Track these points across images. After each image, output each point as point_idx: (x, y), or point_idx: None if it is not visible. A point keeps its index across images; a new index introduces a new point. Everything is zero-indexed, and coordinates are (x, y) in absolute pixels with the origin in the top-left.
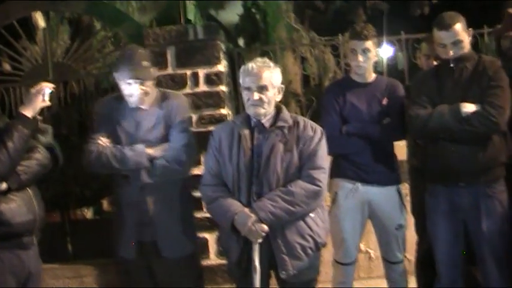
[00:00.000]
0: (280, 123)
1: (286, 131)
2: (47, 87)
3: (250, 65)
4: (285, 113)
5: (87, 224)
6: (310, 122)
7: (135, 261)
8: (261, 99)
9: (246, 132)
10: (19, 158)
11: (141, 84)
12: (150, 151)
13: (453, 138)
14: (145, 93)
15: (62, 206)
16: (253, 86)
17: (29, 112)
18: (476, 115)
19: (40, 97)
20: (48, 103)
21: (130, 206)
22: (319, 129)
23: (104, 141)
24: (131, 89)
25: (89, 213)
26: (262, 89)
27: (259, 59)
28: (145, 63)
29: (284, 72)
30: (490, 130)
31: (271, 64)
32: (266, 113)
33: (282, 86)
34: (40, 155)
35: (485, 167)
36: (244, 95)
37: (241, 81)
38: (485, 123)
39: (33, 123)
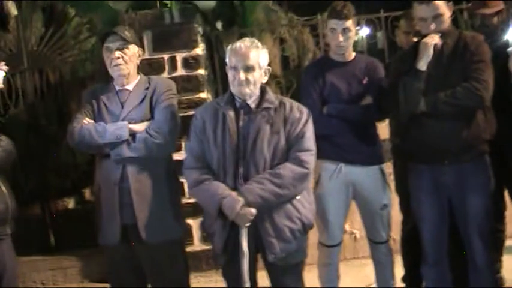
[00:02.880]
0: (266, 105)
1: (272, 112)
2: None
3: (238, 44)
4: (270, 94)
5: (68, 215)
6: (296, 104)
7: (118, 247)
8: (247, 79)
9: (231, 113)
10: None
11: (120, 49)
12: (133, 126)
13: (437, 112)
14: (125, 62)
15: (43, 197)
16: (239, 65)
17: None
18: (462, 89)
19: None
20: (1, 86)
21: (111, 186)
22: (305, 110)
23: (87, 120)
24: (111, 56)
25: (70, 203)
26: (249, 69)
27: (247, 39)
28: (126, 32)
29: None
30: (476, 104)
31: (259, 45)
32: (251, 93)
33: (269, 67)
34: (3, 142)
35: (469, 145)
36: (230, 74)
37: (227, 60)
38: (471, 98)
39: None
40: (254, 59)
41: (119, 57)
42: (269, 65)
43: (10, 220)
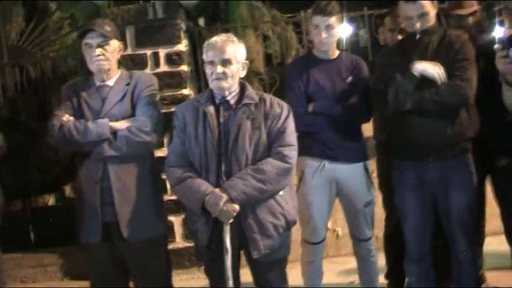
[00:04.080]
0: (246, 101)
1: (253, 108)
2: None
3: (214, 39)
4: (250, 90)
5: (49, 211)
6: (276, 99)
7: (99, 245)
8: (224, 72)
9: (211, 110)
10: None
11: (100, 45)
12: (114, 124)
13: (421, 111)
14: (105, 58)
15: (23, 193)
16: (216, 59)
17: None
18: (445, 87)
19: None
20: None
21: (92, 184)
22: (285, 105)
23: (67, 117)
24: (91, 52)
25: (50, 199)
26: (225, 62)
27: (223, 34)
28: (106, 27)
29: (246, 51)
30: (460, 102)
31: (235, 39)
32: (230, 87)
33: (246, 61)
34: None
35: (453, 142)
36: (208, 69)
37: (204, 56)
38: (454, 95)
39: None
40: (231, 53)
41: (99, 54)
42: (251, 61)
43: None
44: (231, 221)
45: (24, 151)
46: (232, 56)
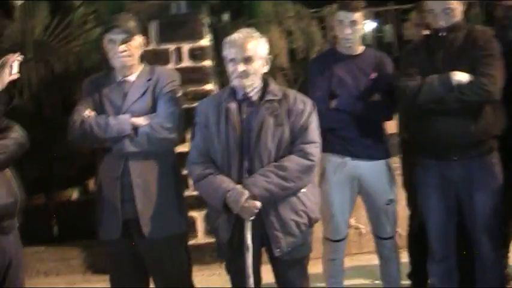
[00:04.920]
0: (269, 97)
1: (276, 104)
2: (14, 59)
3: (234, 35)
4: (273, 86)
5: (72, 205)
6: (300, 95)
7: (119, 243)
8: (246, 70)
9: (233, 106)
10: None
11: (124, 42)
12: (135, 120)
13: (444, 109)
14: (129, 54)
15: (47, 187)
16: (238, 57)
17: None
18: (469, 85)
19: (7, 70)
20: (16, 76)
21: (113, 181)
22: (309, 102)
23: (89, 111)
24: (114, 48)
25: (74, 194)
26: (247, 60)
27: (243, 29)
28: (130, 22)
29: (270, 47)
30: (483, 100)
31: (256, 34)
32: (252, 85)
33: (269, 57)
34: (17, 134)
35: (477, 140)
36: (229, 67)
37: (224, 53)
38: (478, 93)
39: (2, 99)
40: (252, 50)
41: (123, 51)
42: (275, 57)
43: (18, 213)
44: (252, 218)
45: (48, 145)
46: (253, 52)
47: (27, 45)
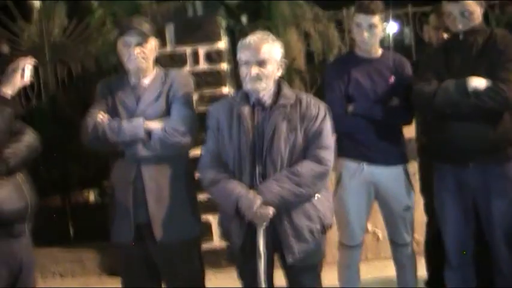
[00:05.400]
0: (282, 101)
1: (289, 108)
2: (27, 64)
3: (249, 38)
4: (287, 90)
5: (89, 207)
6: (313, 99)
7: (131, 246)
8: (260, 73)
9: (246, 110)
10: (3, 140)
11: (140, 44)
12: (149, 123)
13: (460, 114)
14: (144, 57)
15: (64, 188)
16: (251, 60)
17: (7, 90)
18: (487, 90)
19: (19, 74)
20: (28, 81)
21: (126, 185)
22: (323, 106)
23: (102, 114)
24: (129, 51)
25: (91, 195)
26: (261, 63)
27: (258, 32)
28: (146, 26)
29: (288, 49)
30: (501, 106)
31: (271, 37)
32: (266, 88)
33: (284, 60)
34: (29, 137)
35: (495, 146)
36: (243, 69)
37: (238, 56)
38: (495, 99)
39: (14, 102)
40: (266, 53)
41: (138, 53)
42: (293, 60)
43: (29, 217)
44: (265, 224)
45: (65, 147)
46: (267, 56)
47: (45, 47)
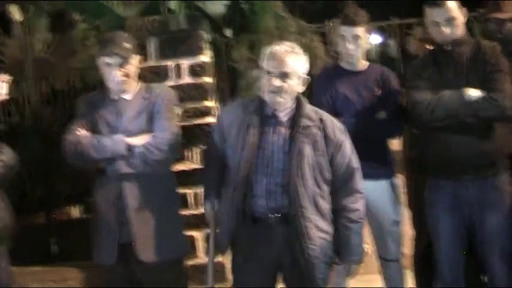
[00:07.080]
0: (305, 122)
1: (314, 130)
2: (1, 81)
3: (276, 47)
4: (308, 109)
5: (73, 224)
6: (335, 121)
7: (115, 266)
8: (281, 86)
9: (256, 122)
10: None
11: (121, 66)
12: (130, 140)
13: (457, 126)
14: (126, 77)
15: (49, 205)
16: (275, 71)
17: None
18: (482, 101)
19: None
20: (4, 97)
21: (108, 204)
22: (343, 127)
23: (82, 131)
24: (111, 72)
25: (75, 212)
26: (284, 75)
27: (287, 43)
28: (126, 44)
29: None
30: (498, 115)
31: (299, 50)
32: (284, 103)
33: (308, 77)
34: (5, 156)
35: (492, 159)
36: (264, 79)
37: (262, 63)
38: (492, 108)
39: None
40: (291, 66)
41: (120, 74)
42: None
43: (6, 239)
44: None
45: (49, 163)
46: (292, 68)
47: (27, 62)
